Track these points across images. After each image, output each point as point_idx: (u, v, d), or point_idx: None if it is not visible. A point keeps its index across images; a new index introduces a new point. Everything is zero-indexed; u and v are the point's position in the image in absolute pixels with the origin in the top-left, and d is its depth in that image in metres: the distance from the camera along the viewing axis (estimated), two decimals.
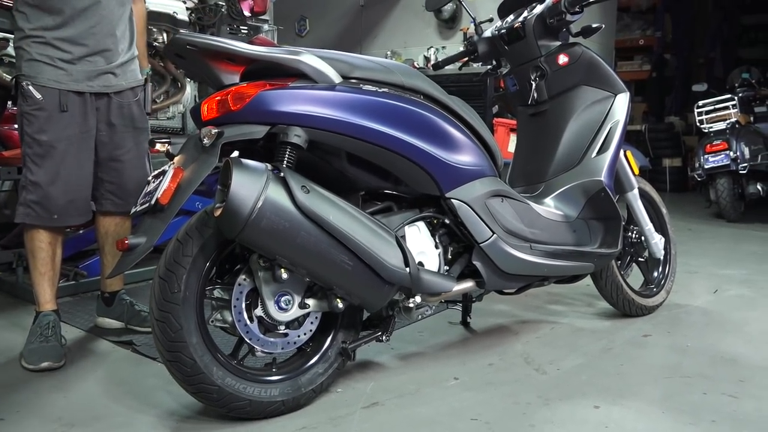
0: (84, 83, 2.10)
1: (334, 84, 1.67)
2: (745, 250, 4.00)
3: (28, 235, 2.14)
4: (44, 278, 2.15)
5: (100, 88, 2.14)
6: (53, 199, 2.08)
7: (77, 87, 2.09)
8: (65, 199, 2.10)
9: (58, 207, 2.09)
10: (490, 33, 2.48)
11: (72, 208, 2.12)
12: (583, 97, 2.34)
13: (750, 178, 5.06)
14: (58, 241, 2.17)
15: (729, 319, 2.55)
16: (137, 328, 2.35)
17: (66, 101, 2.06)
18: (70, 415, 1.71)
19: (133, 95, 2.24)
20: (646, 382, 1.93)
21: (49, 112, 2.05)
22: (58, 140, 2.07)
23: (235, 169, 1.50)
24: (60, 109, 2.05)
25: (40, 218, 2.09)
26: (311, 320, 1.76)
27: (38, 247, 2.13)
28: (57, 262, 2.19)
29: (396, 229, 1.79)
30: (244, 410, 1.64)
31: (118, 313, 2.38)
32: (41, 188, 2.07)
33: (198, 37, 1.61)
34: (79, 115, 2.10)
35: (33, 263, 2.15)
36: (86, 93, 2.11)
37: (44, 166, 2.06)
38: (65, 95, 2.07)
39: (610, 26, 6.58)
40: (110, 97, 2.17)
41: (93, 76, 2.12)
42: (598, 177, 2.24)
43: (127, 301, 2.39)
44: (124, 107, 2.21)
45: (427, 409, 1.74)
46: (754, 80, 5.81)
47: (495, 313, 2.62)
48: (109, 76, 2.15)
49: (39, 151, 2.06)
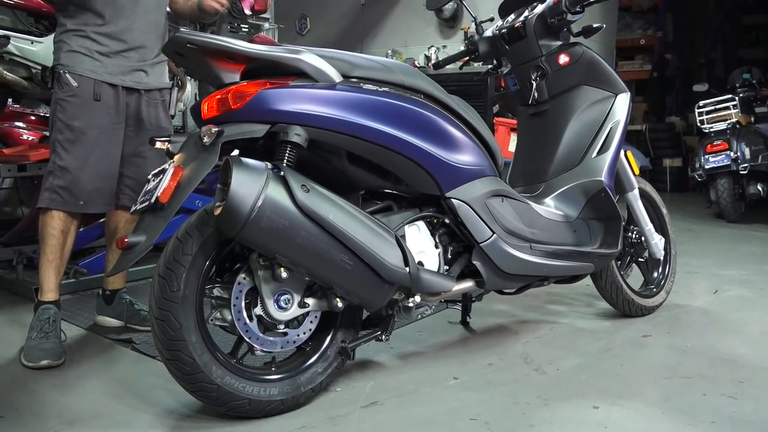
0: (118, 77, 2.17)
1: (335, 83, 1.67)
2: (745, 250, 4.00)
3: (42, 220, 2.15)
4: (51, 265, 2.17)
5: (132, 84, 2.21)
6: (81, 185, 2.12)
7: (111, 79, 2.16)
8: (93, 186, 2.14)
9: (85, 193, 2.13)
10: (491, 32, 2.47)
11: (98, 195, 2.17)
12: (583, 97, 2.33)
13: (750, 178, 5.06)
14: (70, 231, 2.19)
15: (729, 320, 2.55)
16: (137, 327, 2.35)
17: (100, 91, 2.13)
18: (70, 413, 1.71)
19: (161, 96, 2.32)
20: (645, 383, 1.93)
21: (83, 100, 2.12)
22: (89, 127, 2.13)
23: (235, 167, 1.50)
24: (94, 97, 2.13)
25: (65, 203, 2.12)
26: (311, 319, 1.76)
27: (50, 234, 2.15)
28: (66, 252, 2.20)
29: (396, 228, 1.79)
30: (243, 409, 1.64)
31: (118, 311, 2.38)
32: (70, 173, 2.11)
33: (198, 35, 1.61)
34: (112, 106, 2.17)
35: (43, 249, 2.17)
36: (119, 87, 2.18)
37: (74, 151, 2.12)
38: (99, 86, 2.14)
39: (611, 26, 6.57)
40: (140, 93, 2.24)
41: (127, 71, 2.19)
42: (599, 177, 2.23)
43: (127, 300, 2.40)
44: (151, 105, 2.28)
45: (426, 409, 1.74)
46: (755, 80, 5.80)
47: (495, 312, 2.62)
48: (141, 73, 2.23)
49: (70, 136, 2.12)
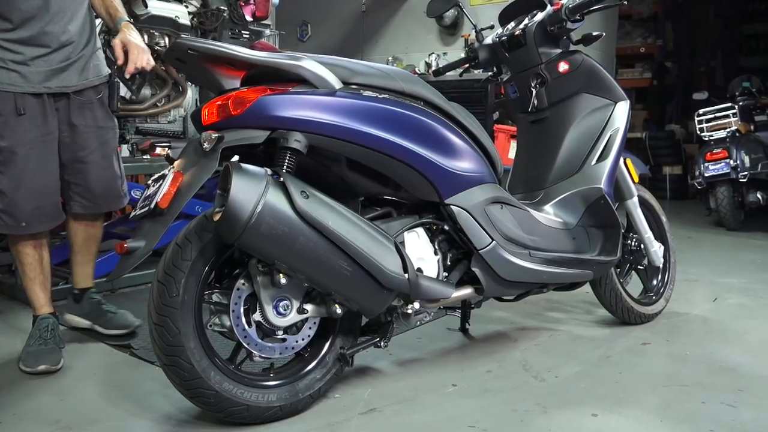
0: (40, 84, 2.03)
1: (335, 90, 1.68)
2: (744, 258, 4.00)
3: (11, 242, 2.12)
4: (35, 283, 2.14)
5: (57, 89, 2.07)
6: (19, 207, 2.03)
7: (33, 89, 2.02)
8: (32, 206, 2.05)
9: (25, 214, 2.04)
10: (491, 40, 2.48)
11: (40, 214, 2.07)
12: (583, 105, 2.34)
13: (750, 186, 5.05)
14: (42, 244, 2.14)
15: (728, 328, 2.54)
16: (101, 329, 2.32)
17: (23, 104, 2.00)
18: (67, 419, 1.71)
19: (95, 93, 2.16)
20: (644, 391, 1.92)
21: (6, 117, 1.99)
22: (18, 145, 2.00)
23: (234, 173, 1.50)
24: (17, 112, 1.99)
25: (8, 227, 2.05)
26: (309, 325, 1.75)
27: (23, 252, 2.11)
28: (45, 265, 2.17)
29: (395, 235, 1.79)
30: (241, 415, 1.64)
31: (86, 311, 2.34)
32: (6, 196, 2.02)
33: (199, 41, 1.62)
34: (39, 117, 2.04)
35: (21, 269, 2.14)
36: (44, 95, 2.05)
37: (7, 173, 2.01)
38: (21, 98, 2.00)
39: (611, 34, 6.58)
40: (69, 96, 2.10)
41: (50, 75, 2.04)
42: (598, 184, 2.24)
43: (95, 299, 2.35)
44: (85, 106, 2.13)
45: (425, 416, 1.74)
46: (755, 89, 5.80)
47: (494, 320, 2.62)
48: (67, 74, 2.08)
49: (0, 158, 2.00)
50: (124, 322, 2.33)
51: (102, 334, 2.33)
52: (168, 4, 3.27)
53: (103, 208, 2.29)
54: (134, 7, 3.05)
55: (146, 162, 3.27)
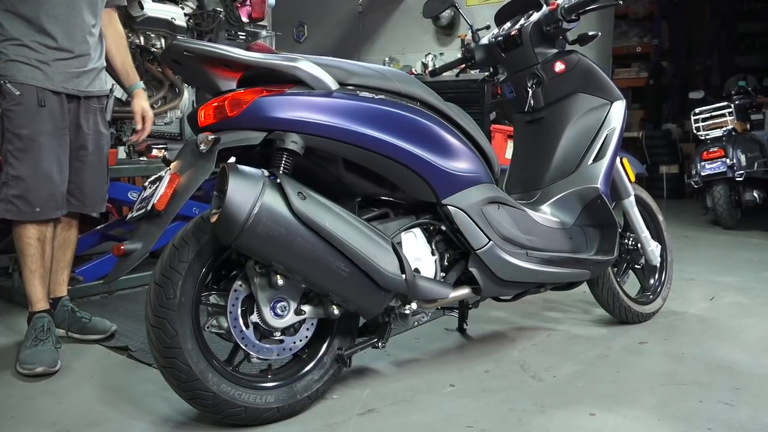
0: (59, 84, 2.16)
1: (331, 91, 1.68)
2: (741, 257, 4.00)
3: (16, 234, 2.16)
4: (35, 276, 2.17)
5: (72, 91, 2.21)
6: (36, 192, 2.11)
7: (53, 87, 2.15)
8: (47, 192, 2.13)
9: (40, 200, 2.12)
10: (487, 40, 2.48)
11: (52, 201, 2.15)
12: (579, 105, 2.34)
13: (747, 185, 5.06)
14: (46, 238, 2.19)
15: (725, 327, 2.55)
16: (76, 335, 2.33)
17: (43, 97, 2.13)
18: (65, 421, 1.71)
19: (98, 103, 2.32)
20: (642, 390, 1.93)
21: (28, 107, 2.11)
22: (37, 134, 2.12)
23: (231, 175, 1.50)
24: (38, 104, 2.12)
25: (21, 213, 2.11)
26: (307, 327, 1.75)
27: (27, 244, 2.15)
28: (47, 261, 2.20)
29: (392, 235, 1.79)
30: (239, 417, 1.64)
31: (60, 319, 2.33)
32: (24, 182, 2.10)
33: (195, 43, 1.62)
34: (56, 112, 2.16)
35: (23, 261, 2.17)
36: (62, 94, 2.18)
37: (25, 160, 2.11)
38: (42, 92, 2.13)
39: (607, 34, 6.59)
40: (80, 100, 2.24)
41: (67, 78, 2.18)
42: (595, 184, 2.24)
43: (68, 307, 2.36)
44: (90, 112, 2.28)
45: (423, 416, 1.74)
46: (751, 88, 5.82)
47: (491, 319, 2.62)
48: (81, 79, 2.22)
49: (20, 145, 2.10)
50: (101, 327, 2.35)
51: (80, 340, 2.32)
52: (164, 5, 3.27)
53: (89, 209, 2.39)
54: (130, 8, 3.05)
55: (143, 164, 3.26)
